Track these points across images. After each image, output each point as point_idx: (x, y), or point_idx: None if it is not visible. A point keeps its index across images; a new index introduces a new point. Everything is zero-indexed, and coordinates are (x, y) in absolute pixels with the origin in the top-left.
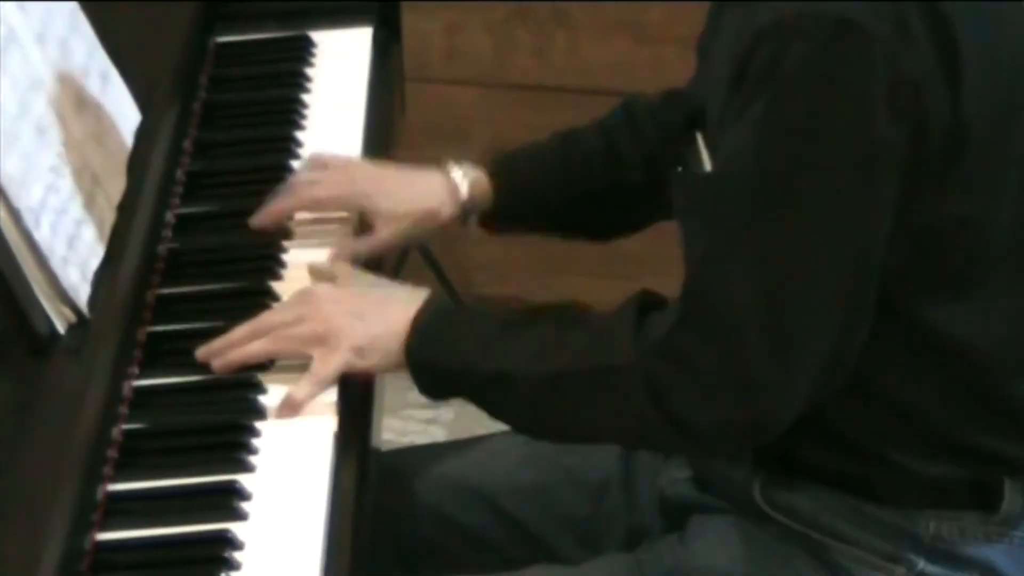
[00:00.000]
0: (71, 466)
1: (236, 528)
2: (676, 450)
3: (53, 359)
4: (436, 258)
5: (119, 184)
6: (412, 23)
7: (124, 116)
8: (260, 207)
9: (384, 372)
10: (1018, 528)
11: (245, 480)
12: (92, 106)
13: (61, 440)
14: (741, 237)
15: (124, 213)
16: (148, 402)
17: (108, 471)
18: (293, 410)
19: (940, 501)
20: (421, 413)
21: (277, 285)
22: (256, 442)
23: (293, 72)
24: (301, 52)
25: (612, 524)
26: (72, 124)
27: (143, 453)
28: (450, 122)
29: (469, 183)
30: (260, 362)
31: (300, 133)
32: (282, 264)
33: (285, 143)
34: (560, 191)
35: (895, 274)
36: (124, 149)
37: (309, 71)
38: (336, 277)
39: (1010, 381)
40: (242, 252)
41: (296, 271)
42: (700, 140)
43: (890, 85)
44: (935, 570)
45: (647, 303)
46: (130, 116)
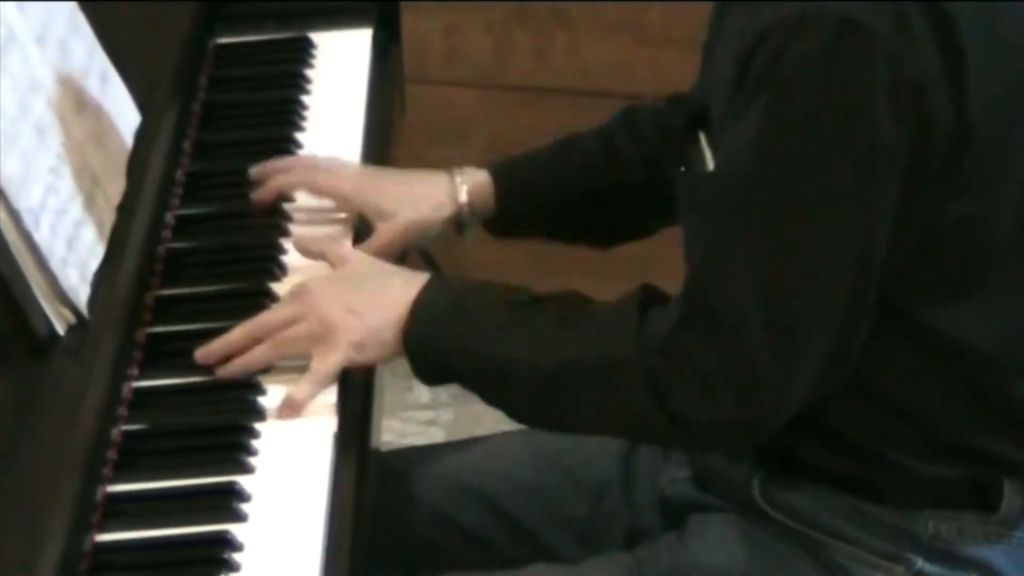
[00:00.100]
0: (70, 467)
1: (235, 529)
2: (675, 446)
3: (52, 360)
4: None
5: (119, 185)
6: (411, 24)
7: (124, 117)
8: (261, 169)
9: (384, 362)
10: (1017, 528)
11: (244, 481)
12: (92, 107)
13: (60, 441)
14: (742, 236)
15: (124, 214)
16: (147, 403)
17: (107, 472)
18: (294, 410)
19: (939, 501)
20: (421, 415)
21: (277, 286)
22: (255, 443)
23: (293, 73)
24: (301, 53)
25: (612, 524)
26: (72, 125)
27: (142, 454)
28: (450, 123)
29: (469, 187)
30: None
31: (300, 134)
32: (282, 265)
33: (285, 144)
34: (560, 193)
35: (896, 274)
36: (124, 150)
37: (309, 72)
38: (335, 261)
39: (1010, 381)
40: (242, 253)
41: (296, 273)
42: (703, 140)
43: (892, 85)
44: (934, 570)
45: (649, 298)
46: (130, 117)
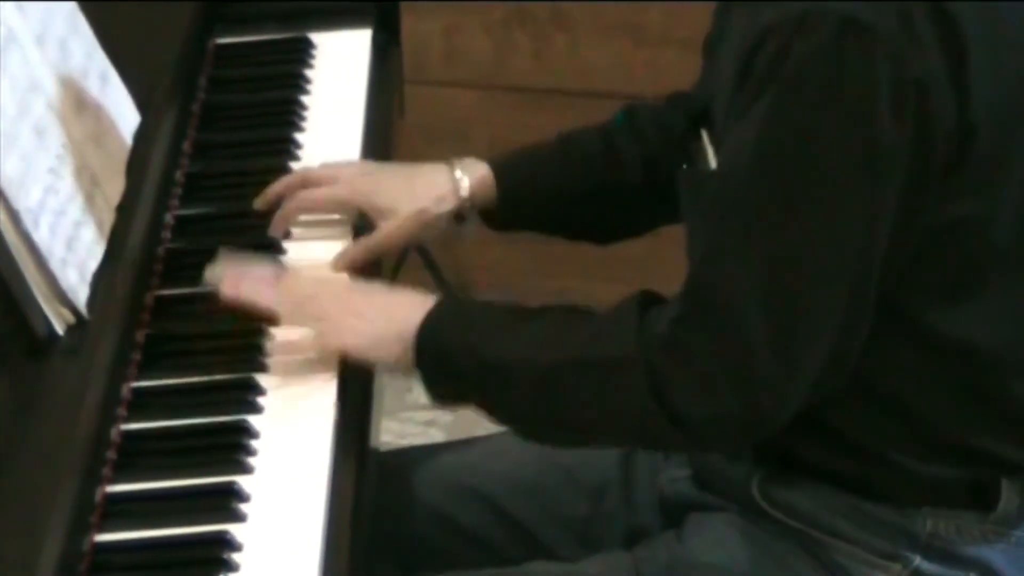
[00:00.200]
0: (69, 467)
1: (235, 529)
2: (675, 447)
3: (52, 360)
4: (435, 260)
5: (118, 185)
6: (411, 25)
7: (123, 117)
8: (261, 197)
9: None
10: (1015, 527)
11: (244, 481)
12: (91, 107)
13: (60, 441)
14: (743, 234)
15: (123, 214)
16: (147, 403)
17: (107, 472)
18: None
19: (938, 500)
20: (420, 415)
21: None
22: (255, 443)
23: (292, 74)
24: (300, 54)
25: (611, 524)
26: (71, 125)
27: (141, 454)
28: (449, 124)
29: (470, 179)
30: (264, 315)
31: (299, 135)
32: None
33: (284, 145)
34: (559, 188)
35: (896, 274)
36: (123, 150)
37: (308, 73)
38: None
39: (1010, 382)
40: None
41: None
42: (706, 138)
43: (894, 85)
44: (932, 568)
45: (648, 300)
46: (129, 117)
